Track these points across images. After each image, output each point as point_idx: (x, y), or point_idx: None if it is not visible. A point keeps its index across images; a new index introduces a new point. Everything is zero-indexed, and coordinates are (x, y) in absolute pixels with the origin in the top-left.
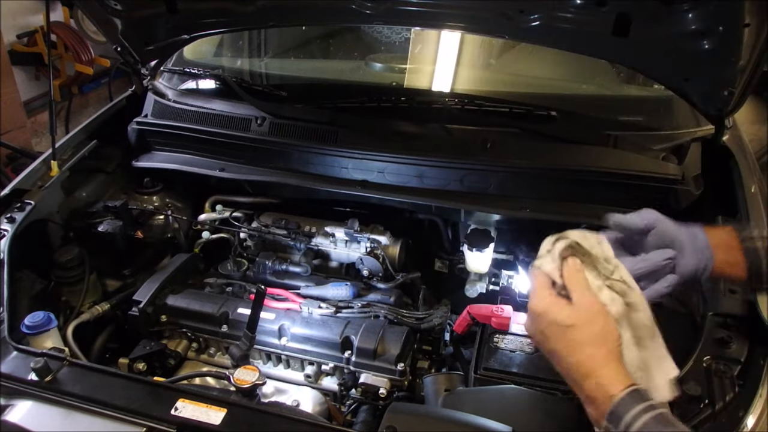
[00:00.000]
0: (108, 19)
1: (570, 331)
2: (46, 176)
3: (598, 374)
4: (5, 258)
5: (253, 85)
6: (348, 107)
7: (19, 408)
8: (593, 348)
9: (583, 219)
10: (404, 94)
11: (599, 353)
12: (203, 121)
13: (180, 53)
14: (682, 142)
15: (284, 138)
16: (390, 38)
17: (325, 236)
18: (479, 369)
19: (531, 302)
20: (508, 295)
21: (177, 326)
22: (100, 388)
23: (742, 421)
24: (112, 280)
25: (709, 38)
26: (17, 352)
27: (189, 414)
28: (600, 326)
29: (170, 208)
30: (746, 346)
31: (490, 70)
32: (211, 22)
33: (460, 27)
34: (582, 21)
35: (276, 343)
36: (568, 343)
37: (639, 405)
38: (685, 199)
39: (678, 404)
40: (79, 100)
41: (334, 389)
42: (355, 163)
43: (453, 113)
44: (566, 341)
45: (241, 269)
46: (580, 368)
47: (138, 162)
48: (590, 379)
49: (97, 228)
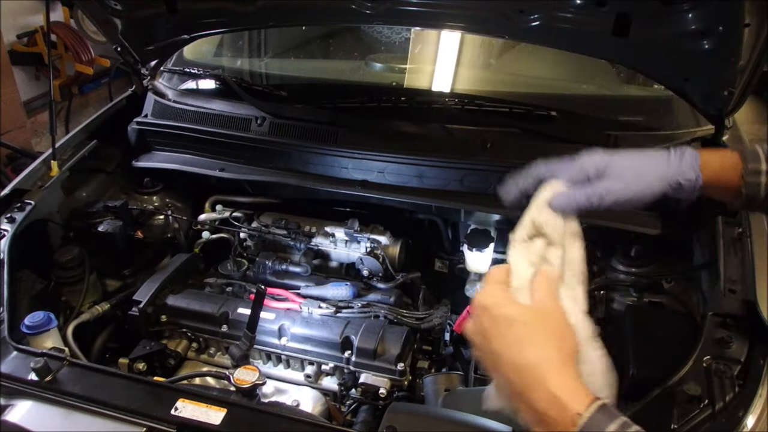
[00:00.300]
0: (108, 19)
1: (519, 326)
2: (46, 176)
3: (552, 384)
4: (5, 258)
5: (253, 85)
6: (348, 107)
7: (19, 408)
8: (547, 349)
9: (582, 219)
10: (404, 94)
11: (554, 356)
12: (203, 121)
13: (180, 53)
14: (682, 142)
15: (284, 138)
16: (390, 38)
17: (325, 236)
18: (479, 369)
19: (477, 296)
20: None
21: (177, 326)
22: (100, 388)
23: (742, 421)
24: (112, 280)
25: (709, 38)
26: (17, 352)
27: (189, 414)
28: (556, 325)
29: (170, 208)
30: (746, 346)
31: (490, 70)
32: (211, 22)
33: (460, 27)
34: (582, 21)
35: (276, 343)
36: (514, 340)
37: (613, 424)
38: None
39: (678, 404)
40: (79, 100)
41: (334, 389)
42: (355, 163)
43: (453, 113)
44: (513, 338)
45: (241, 269)
46: (527, 374)
47: (138, 162)
48: (540, 389)
49: (97, 228)
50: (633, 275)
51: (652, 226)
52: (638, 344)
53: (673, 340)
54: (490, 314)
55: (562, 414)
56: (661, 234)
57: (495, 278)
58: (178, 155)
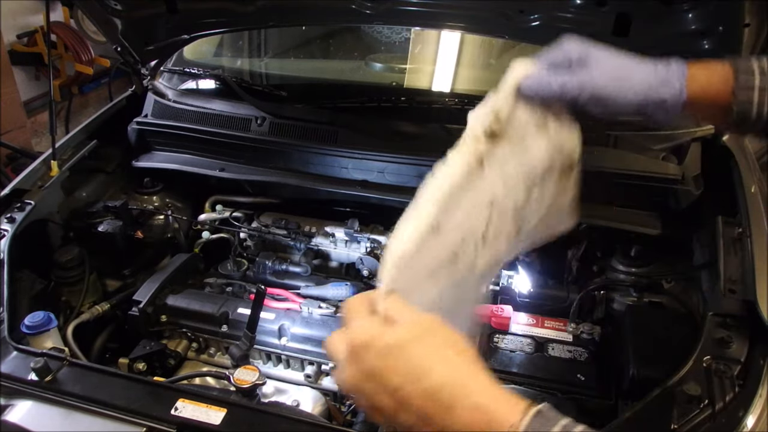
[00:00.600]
0: (108, 19)
1: (412, 348)
2: (46, 176)
3: (470, 397)
4: (5, 258)
5: (253, 85)
6: (348, 107)
7: (19, 408)
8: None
9: (582, 219)
10: (404, 94)
11: (458, 363)
12: (203, 121)
13: (180, 53)
14: (682, 142)
15: (284, 138)
16: (390, 38)
17: (325, 236)
18: None
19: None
20: (508, 295)
21: (177, 326)
22: (100, 388)
23: (742, 421)
24: (112, 280)
25: (709, 38)
26: (17, 352)
27: (189, 414)
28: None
29: (170, 208)
30: (746, 346)
31: (490, 70)
32: (211, 22)
33: (460, 27)
34: (582, 21)
35: (276, 343)
36: (414, 364)
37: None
38: (685, 199)
39: (678, 404)
40: (79, 100)
41: (334, 389)
42: (355, 163)
43: (453, 113)
44: (412, 363)
45: (241, 269)
46: (444, 395)
47: (138, 162)
48: (462, 404)
49: (97, 228)
50: (633, 275)
51: (652, 226)
52: (638, 344)
53: (673, 340)
54: (375, 349)
55: (494, 425)
56: (661, 234)
57: (358, 310)
58: (178, 155)
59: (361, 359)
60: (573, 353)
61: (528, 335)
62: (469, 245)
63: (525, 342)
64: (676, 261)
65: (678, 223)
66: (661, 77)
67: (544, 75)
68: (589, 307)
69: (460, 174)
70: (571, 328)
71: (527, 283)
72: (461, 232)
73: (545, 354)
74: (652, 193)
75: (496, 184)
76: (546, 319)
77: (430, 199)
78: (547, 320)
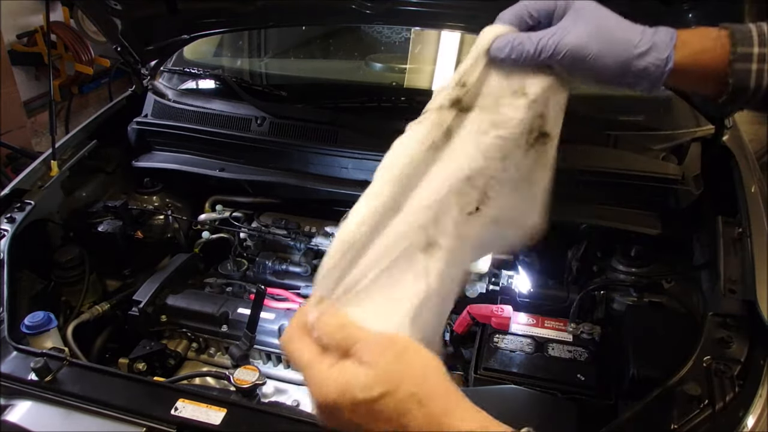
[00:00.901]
0: (108, 19)
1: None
2: (46, 176)
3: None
4: (5, 258)
5: (253, 85)
6: (348, 107)
7: (19, 408)
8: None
9: (582, 219)
10: (404, 94)
11: (440, 395)
12: (203, 121)
13: (180, 53)
14: (682, 142)
15: (284, 138)
16: (390, 38)
17: (325, 236)
18: (479, 369)
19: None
20: (508, 295)
21: (177, 326)
22: (100, 388)
23: (742, 421)
24: (112, 280)
25: None
26: (17, 352)
27: (189, 414)
28: (409, 361)
29: (170, 208)
30: (746, 346)
31: None
32: (211, 22)
33: (460, 27)
34: None
35: (276, 343)
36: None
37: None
38: (685, 199)
39: (678, 404)
40: (79, 100)
41: None
42: (356, 163)
43: None
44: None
45: (241, 269)
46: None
47: (138, 162)
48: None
49: (97, 228)
50: (633, 275)
51: (652, 226)
52: (638, 344)
53: (673, 340)
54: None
55: None
56: (661, 234)
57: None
58: (178, 155)
59: (335, 417)
60: (573, 353)
61: (528, 335)
62: (446, 224)
63: (525, 342)
64: (676, 261)
65: (678, 223)
66: (648, 40)
67: (517, 35)
68: (589, 307)
69: (423, 147)
70: (571, 328)
71: (527, 283)
72: (432, 211)
73: (545, 354)
74: (652, 193)
75: (471, 155)
76: (546, 319)
77: (385, 176)
78: (547, 320)
